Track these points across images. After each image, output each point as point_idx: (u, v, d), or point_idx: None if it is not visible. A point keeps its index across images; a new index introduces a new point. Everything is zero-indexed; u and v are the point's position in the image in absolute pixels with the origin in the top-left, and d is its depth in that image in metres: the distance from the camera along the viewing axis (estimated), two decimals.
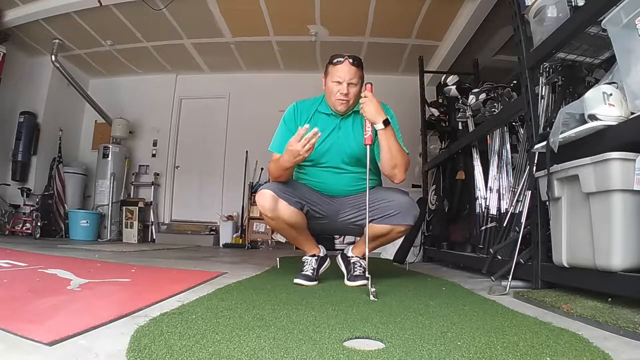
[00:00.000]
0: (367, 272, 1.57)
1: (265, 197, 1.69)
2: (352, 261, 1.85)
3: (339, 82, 1.71)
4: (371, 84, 1.71)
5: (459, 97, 3.05)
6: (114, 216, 5.12)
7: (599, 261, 1.26)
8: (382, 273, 2.34)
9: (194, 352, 0.74)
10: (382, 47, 4.95)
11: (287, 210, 1.72)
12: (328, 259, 1.95)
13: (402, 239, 3.35)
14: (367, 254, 1.66)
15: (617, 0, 1.25)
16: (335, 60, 1.74)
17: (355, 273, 1.78)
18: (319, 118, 1.81)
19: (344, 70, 1.71)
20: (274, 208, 1.69)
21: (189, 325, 0.93)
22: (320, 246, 1.94)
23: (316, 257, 1.87)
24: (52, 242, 4.19)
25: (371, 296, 1.40)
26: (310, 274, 1.78)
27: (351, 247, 1.93)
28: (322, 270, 1.88)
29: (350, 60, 1.72)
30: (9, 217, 4.81)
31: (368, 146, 1.67)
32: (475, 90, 2.75)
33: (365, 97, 1.66)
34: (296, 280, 1.72)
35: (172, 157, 5.84)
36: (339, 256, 1.95)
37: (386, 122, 1.65)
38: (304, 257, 1.89)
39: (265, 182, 2.27)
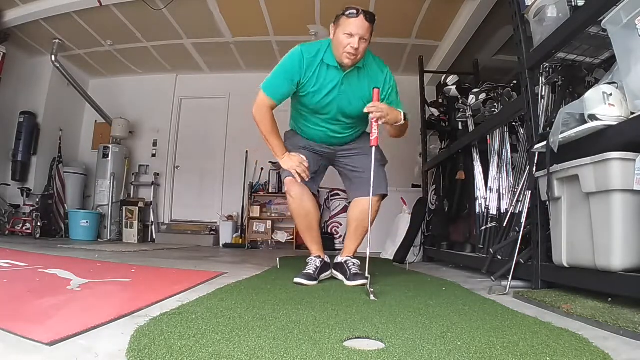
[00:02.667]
0: (366, 272, 1.58)
1: (294, 185, 1.81)
2: (345, 262, 1.89)
3: (351, 35, 1.65)
4: (378, 88, 1.76)
5: (459, 97, 3.05)
6: (114, 216, 5.12)
7: (599, 261, 1.26)
8: (382, 273, 2.34)
9: (194, 352, 0.74)
10: (382, 47, 4.93)
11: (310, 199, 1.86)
12: (331, 270, 1.96)
13: (402, 239, 3.37)
14: (368, 255, 1.69)
15: (617, 0, 1.25)
16: (349, 12, 1.67)
17: (352, 272, 1.81)
18: (323, 71, 1.76)
19: (357, 25, 1.65)
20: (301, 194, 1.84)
21: (189, 325, 0.93)
22: (326, 255, 1.98)
23: (321, 259, 1.90)
24: (52, 242, 4.19)
25: (371, 296, 1.40)
26: (312, 273, 1.80)
27: (338, 255, 1.98)
28: (322, 277, 1.89)
29: (366, 16, 1.67)
30: (9, 217, 4.81)
31: (374, 147, 1.73)
32: (475, 90, 2.75)
33: (375, 107, 1.69)
34: (296, 280, 1.73)
35: (172, 157, 5.84)
36: (332, 270, 1.97)
37: (405, 116, 1.82)
38: (309, 258, 1.92)
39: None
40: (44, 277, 1.65)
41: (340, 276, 1.88)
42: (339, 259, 1.94)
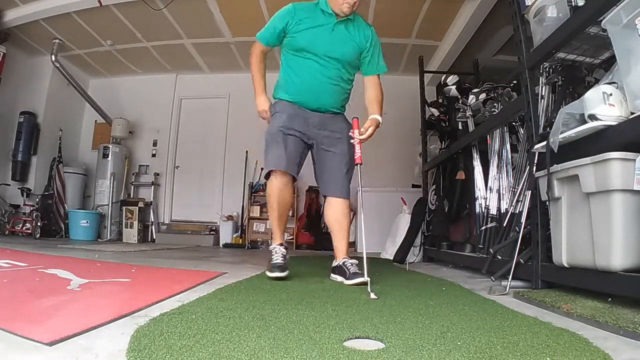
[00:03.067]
0: (365, 272, 1.59)
1: (279, 173, 1.90)
2: (342, 264, 1.91)
3: None
4: (357, 119, 1.96)
5: (459, 97, 3.04)
6: (114, 216, 5.12)
7: (599, 261, 1.26)
8: (382, 273, 2.34)
9: (194, 352, 0.74)
10: (382, 47, 4.91)
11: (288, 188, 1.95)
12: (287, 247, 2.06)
13: (402, 239, 3.37)
14: (365, 254, 1.72)
15: (617, 0, 1.25)
16: None
17: (352, 271, 1.83)
18: (318, 13, 1.94)
19: None
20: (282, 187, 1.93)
21: (189, 325, 0.93)
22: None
23: (283, 245, 1.98)
24: (52, 242, 4.19)
25: (372, 294, 1.41)
26: (282, 262, 1.88)
27: (334, 260, 2.03)
28: (287, 257, 1.98)
29: None
30: (9, 217, 4.81)
31: (359, 165, 1.92)
32: (475, 90, 2.75)
33: (356, 137, 1.91)
34: (272, 275, 1.80)
35: (172, 157, 5.84)
36: (331, 274, 2.00)
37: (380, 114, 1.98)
38: (272, 246, 1.99)
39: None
40: (44, 277, 1.65)
41: (339, 278, 1.90)
42: (336, 262, 1.97)
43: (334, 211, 2.02)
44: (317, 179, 2.11)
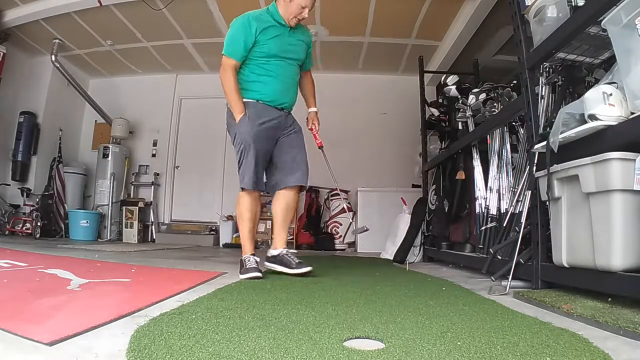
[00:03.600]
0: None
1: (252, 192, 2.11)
2: (284, 255, 2.07)
3: (304, 7, 2.11)
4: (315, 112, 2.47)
5: (459, 97, 3.04)
6: (114, 216, 5.12)
7: (599, 261, 1.26)
8: (382, 273, 2.34)
9: (194, 352, 0.74)
10: (382, 47, 4.95)
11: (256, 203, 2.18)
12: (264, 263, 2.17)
13: (402, 239, 3.37)
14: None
15: (617, 0, 1.25)
16: None
17: (296, 261, 2.01)
18: (275, 24, 2.16)
19: (312, 2, 2.13)
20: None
21: (189, 325, 0.93)
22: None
23: (254, 255, 2.08)
24: (52, 242, 4.19)
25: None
26: (256, 265, 1.98)
27: (270, 249, 2.19)
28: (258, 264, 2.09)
29: None
30: (9, 217, 4.81)
31: (322, 149, 2.44)
32: (475, 90, 2.75)
33: (315, 126, 2.43)
34: (248, 276, 1.88)
35: (172, 157, 5.84)
36: (266, 262, 2.13)
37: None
38: (245, 256, 2.07)
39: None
40: (44, 277, 1.65)
41: (279, 267, 2.05)
42: (274, 252, 2.12)
43: (289, 201, 2.18)
44: (274, 172, 2.22)
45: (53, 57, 4.91)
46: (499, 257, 1.97)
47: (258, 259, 2.05)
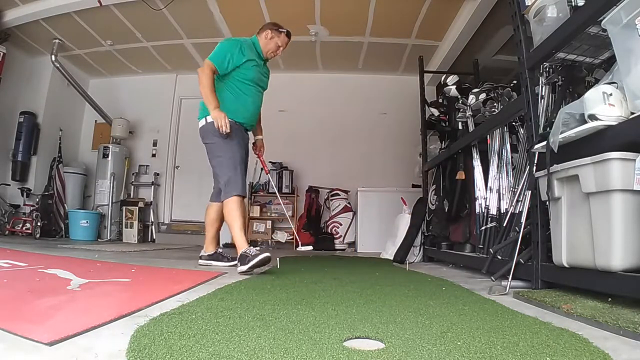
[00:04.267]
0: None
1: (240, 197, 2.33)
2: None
3: (279, 46, 2.51)
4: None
5: (459, 97, 3.04)
6: (114, 216, 5.12)
7: (599, 261, 1.26)
8: (382, 273, 2.34)
9: (194, 352, 0.74)
10: (382, 47, 4.95)
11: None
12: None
13: (402, 239, 3.37)
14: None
15: (617, 0, 1.25)
16: (284, 31, 2.51)
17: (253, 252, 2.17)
18: (255, 53, 2.47)
19: (285, 41, 2.54)
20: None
21: (189, 325, 0.93)
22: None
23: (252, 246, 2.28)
24: (52, 242, 4.19)
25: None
26: (258, 252, 2.12)
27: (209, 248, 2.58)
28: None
29: (288, 35, 2.55)
30: (9, 217, 4.81)
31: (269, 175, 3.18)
32: (475, 90, 2.75)
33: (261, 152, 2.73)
34: (262, 256, 2.00)
35: (172, 157, 5.84)
36: (211, 261, 2.51)
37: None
38: (246, 249, 2.13)
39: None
40: (44, 277, 1.65)
41: (221, 264, 2.44)
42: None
43: (242, 208, 2.39)
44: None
45: (53, 57, 4.90)
46: (499, 257, 1.97)
47: (256, 247, 2.28)
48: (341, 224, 5.07)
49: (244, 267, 2.01)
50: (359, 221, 4.87)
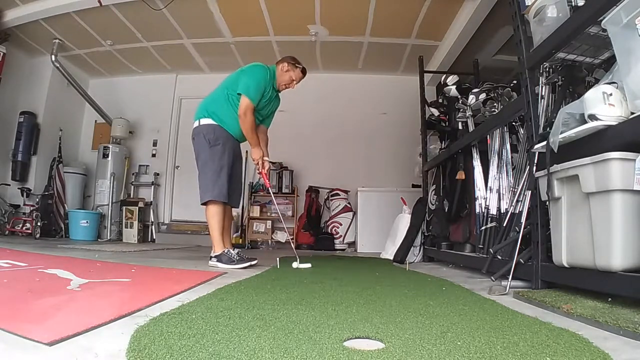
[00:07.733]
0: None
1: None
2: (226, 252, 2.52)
3: (293, 80, 2.63)
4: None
5: (459, 97, 3.04)
6: (114, 216, 5.12)
7: (599, 261, 1.26)
8: (382, 273, 2.34)
9: (194, 352, 0.74)
10: (382, 47, 4.95)
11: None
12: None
13: (402, 239, 3.37)
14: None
15: (617, 0, 1.25)
16: (299, 67, 2.65)
17: (243, 255, 2.47)
18: (272, 88, 2.60)
19: (299, 77, 2.67)
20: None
21: (189, 325, 0.93)
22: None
23: (232, 248, 2.59)
24: (52, 242, 4.19)
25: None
26: (242, 255, 2.48)
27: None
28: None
29: (304, 71, 2.69)
30: (9, 217, 4.81)
31: (270, 189, 3.08)
32: (475, 90, 2.75)
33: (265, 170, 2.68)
34: (247, 264, 2.38)
35: (172, 157, 5.84)
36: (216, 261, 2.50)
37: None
38: (227, 250, 2.50)
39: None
40: (44, 277, 1.65)
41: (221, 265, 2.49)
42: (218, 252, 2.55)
43: (220, 215, 2.64)
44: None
45: (53, 57, 4.90)
46: (499, 257, 1.97)
47: (237, 250, 2.54)
48: (341, 224, 5.07)
49: (231, 266, 2.34)
50: (359, 221, 4.87)
